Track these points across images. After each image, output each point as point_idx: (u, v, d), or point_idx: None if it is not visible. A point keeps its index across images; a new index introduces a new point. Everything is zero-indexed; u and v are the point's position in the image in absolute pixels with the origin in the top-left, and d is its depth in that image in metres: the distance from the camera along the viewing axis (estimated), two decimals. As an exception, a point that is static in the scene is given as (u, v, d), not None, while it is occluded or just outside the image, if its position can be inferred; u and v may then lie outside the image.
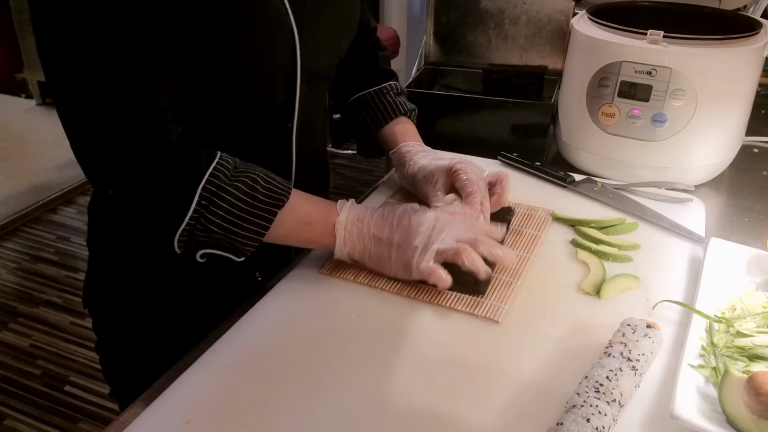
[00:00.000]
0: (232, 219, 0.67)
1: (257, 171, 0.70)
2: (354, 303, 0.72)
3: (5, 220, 2.83)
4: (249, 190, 0.67)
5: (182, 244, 0.68)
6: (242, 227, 0.67)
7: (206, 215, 0.66)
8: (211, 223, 0.66)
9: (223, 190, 0.66)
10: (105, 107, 0.62)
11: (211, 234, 0.67)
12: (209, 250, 0.70)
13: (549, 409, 0.57)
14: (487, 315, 0.69)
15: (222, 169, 0.67)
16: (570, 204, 0.92)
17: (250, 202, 0.67)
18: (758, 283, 0.71)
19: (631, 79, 0.94)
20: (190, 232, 0.67)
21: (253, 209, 0.67)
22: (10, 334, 2.22)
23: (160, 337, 0.85)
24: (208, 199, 0.65)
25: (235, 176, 0.68)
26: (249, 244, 0.69)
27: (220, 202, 0.66)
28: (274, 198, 0.69)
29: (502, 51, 1.30)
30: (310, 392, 0.60)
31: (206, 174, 0.66)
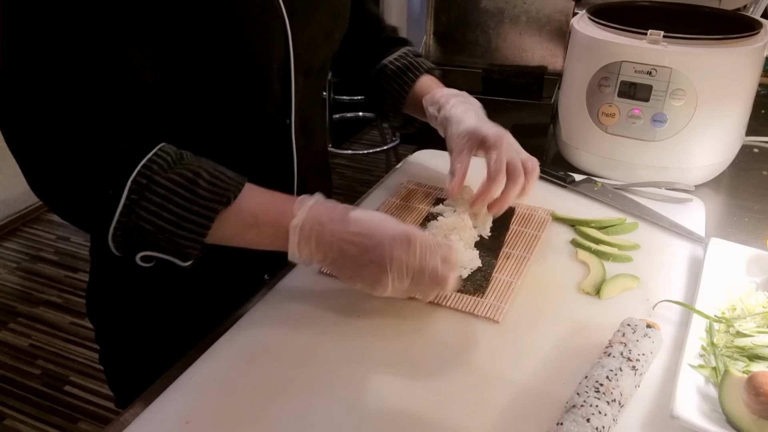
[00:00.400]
0: (167, 215, 0.60)
1: (204, 164, 0.63)
2: (354, 303, 0.72)
3: (5, 220, 2.83)
4: (188, 184, 0.61)
5: (117, 244, 0.62)
6: (179, 225, 0.61)
7: (137, 211, 0.60)
8: (144, 219, 0.60)
9: (156, 182, 0.60)
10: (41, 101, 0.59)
11: (146, 233, 0.61)
12: (149, 252, 0.63)
13: (549, 409, 0.57)
14: (487, 315, 0.69)
15: (158, 161, 0.61)
16: (570, 204, 0.92)
17: (189, 197, 0.61)
18: (758, 283, 0.71)
19: (631, 79, 0.94)
20: (123, 231, 0.60)
21: (191, 205, 0.61)
22: (10, 334, 2.22)
23: (165, 344, 0.80)
24: (138, 192, 0.59)
25: (174, 169, 0.61)
26: (189, 246, 0.62)
27: (152, 195, 0.60)
28: (216, 194, 0.61)
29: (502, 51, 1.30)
30: (309, 392, 0.60)
31: (138, 165, 0.60)
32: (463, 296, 0.72)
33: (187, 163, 0.63)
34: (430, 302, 0.71)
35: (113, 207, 0.59)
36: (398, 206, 0.91)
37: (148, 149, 0.62)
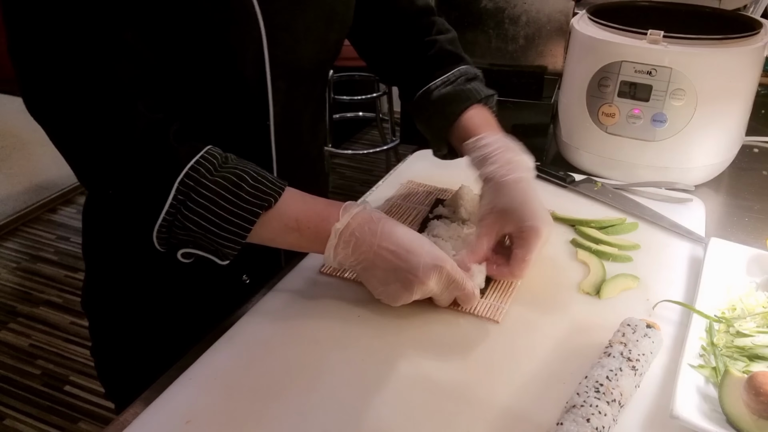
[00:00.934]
0: (211, 217, 0.62)
1: (248, 168, 0.65)
2: (354, 303, 0.72)
3: (5, 220, 2.83)
4: (232, 187, 0.63)
5: (162, 242, 0.64)
6: (221, 227, 0.62)
7: (183, 211, 0.62)
8: (189, 220, 0.62)
9: (202, 185, 0.62)
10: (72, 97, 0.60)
11: (190, 232, 0.63)
12: (190, 250, 0.66)
13: (549, 409, 0.57)
14: (487, 315, 0.69)
15: (205, 163, 0.63)
16: (570, 204, 0.92)
17: (233, 200, 0.62)
18: (758, 283, 0.71)
19: (631, 79, 0.94)
20: (168, 229, 0.63)
21: (234, 208, 0.62)
22: (10, 334, 2.22)
23: (153, 337, 0.84)
24: (185, 193, 0.62)
25: (219, 172, 0.63)
26: (229, 246, 0.64)
27: (198, 198, 0.62)
28: (259, 198, 0.63)
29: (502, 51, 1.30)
30: (309, 392, 0.60)
31: (186, 167, 0.62)
32: None
33: (232, 166, 0.64)
34: (430, 302, 0.71)
35: (160, 205, 0.61)
36: (398, 206, 0.91)
37: (197, 150, 0.63)
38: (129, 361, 0.87)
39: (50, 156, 3.45)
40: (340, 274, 0.76)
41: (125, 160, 0.62)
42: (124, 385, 0.71)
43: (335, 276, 0.76)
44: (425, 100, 0.84)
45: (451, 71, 0.85)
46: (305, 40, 0.75)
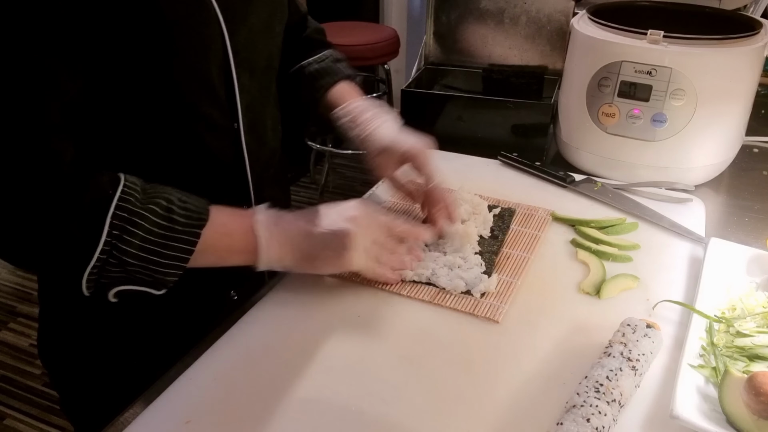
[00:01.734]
0: (150, 247, 0.59)
1: (168, 190, 0.63)
2: (354, 303, 0.72)
3: (5, 220, 2.83)
4: (165, 212, 0.60)
5: (90, 284, 0.59)
6: (162, 254, 0.60)
7: (119, 246, 0.58)
8: (126, 254, 0.58)
9: (136, 215, 0.58)
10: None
11: (126, 267, 0.59)
12: (124, 287, 0.62)
13: (549, 409, 0.57)
14: (487, 315, 0.69)
15: (131, 192, 0.59)
16: (570, 204, 0.92)
17: (168, 226, 0.60)
18: (758, 283, 0.71)
19: (631, 79, 0.94)
20: (100, 269, 0.58)
21: (172, 233, 0.60)
22: (10, 334, 2.22)
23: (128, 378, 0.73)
24: (119, 227, 0.58)
25: (146, 199, 0.60)
26: (171, 273, 0.61)
27: (134, 229, 0.58)
28: (193, 218, 0.62)
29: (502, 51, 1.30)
30: (309, 392, 0.60)
31: (114, 199, 0.58)
32: (464, 296, 0.72)
33: (153, 192, 0.62)
34: (430, 302, 0.71)
35: (92, 247, 0.57)
36: (398, 206, 0.91)
37: (118, 179, 0.60)
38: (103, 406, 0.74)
39: (50, 156, 3.45)
40: (339, 274, 0.76)
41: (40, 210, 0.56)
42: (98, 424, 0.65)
43: (335, 276, 0.76)
44: (297, 77, 0.91)
45: (320, 53, 0.93)
46: (259, 33, 0.75)
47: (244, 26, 0.72)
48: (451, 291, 0.72)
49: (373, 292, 0.73)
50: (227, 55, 0.70)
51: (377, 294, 0.73)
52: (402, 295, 0.73)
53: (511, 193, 0.93)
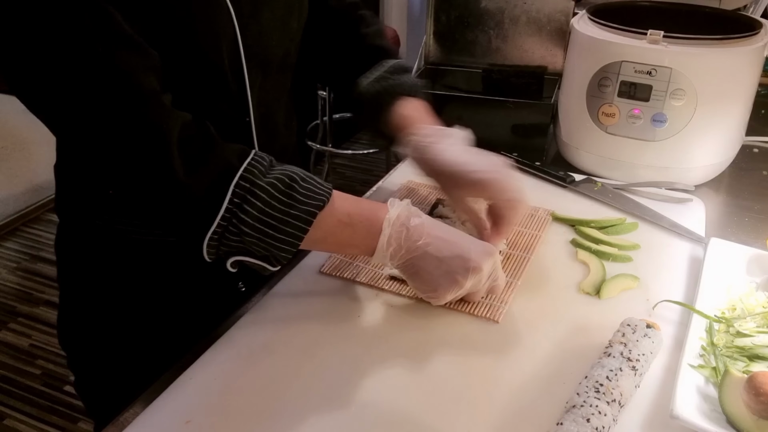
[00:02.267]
0: (268, 220, 0.60)
1: (295, 169, 0.64)
2: (354, 303, 0.72)
3: (5, 220, 2.83)
4: (286, 189, 0.61)
5: (212, 250, 0.62)
6: (279, 229, 0.60)
7: (239, 215, 0.60)
8: (245, 224, 0.60)
9: (258, 186, 0.60)
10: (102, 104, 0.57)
11: (244, 237, 0.61)
12: (241, 258, 0.63)
13: (549, 409, 0.57)
14: (486, 315, 0.69)
15: (257, 165, 0.61)
16: (570, 204, 0.92)
17: (287, 202, 0.61)
18: (758, 283, 0.71)
19: (631, 79, 0.94)
20: (221, 236, 0.60)
21: (290, 209, 0.61)
22: (10, 334, 2.22)
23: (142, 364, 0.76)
24: (241, 196, 0.59)
25: (270, 173, 0.62)
26: (285, 249, 0.62)
27: (254, 200, 0.60)
28: (313, 198, 0.62)
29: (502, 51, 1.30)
30: (309, 392, 0.60)
31: (240, 169, 0.60)
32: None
33: (279, 167, 0.63)
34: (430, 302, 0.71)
35: (213, 213, 0.59)
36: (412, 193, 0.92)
37: (246, 151, 0.62)
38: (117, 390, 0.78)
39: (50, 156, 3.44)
40: (339, 274, 0.76)
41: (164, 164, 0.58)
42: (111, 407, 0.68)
43: (335, 275, 0.76)
44: (359, 94, 0.85)
45: (382, 64, 0.86)
46: (272, 28, 0.74)
47: (256, 21, 0.70)
48: None
49: (373, 292, 0.73)
50: (238, 49, 0.69)
51: (377, 294, 0.73)
52: (401, 295, 0.73)
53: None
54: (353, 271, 0.76)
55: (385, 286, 0.74)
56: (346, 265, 0.77)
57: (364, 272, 0.76)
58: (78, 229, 0.80)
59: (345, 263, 0.78)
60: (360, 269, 0.77)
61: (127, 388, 0.67)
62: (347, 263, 0.78)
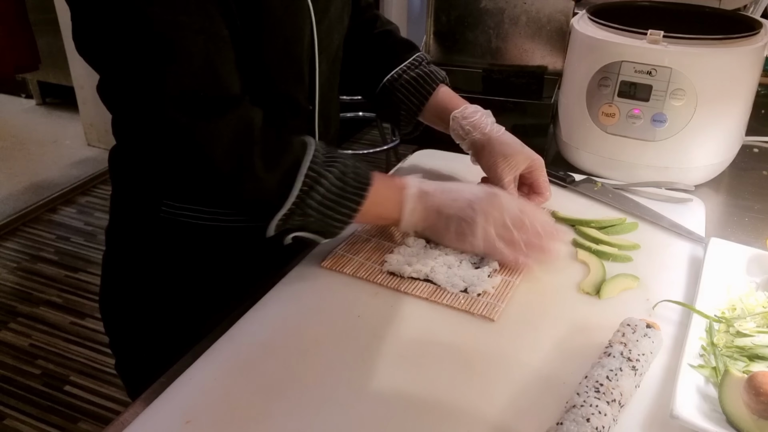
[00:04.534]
0: (329, 203, 0.70)
1: (342, 155, 0.73)
2: (354, 303, 0.72)
3: (5, 220, 2.83)
4: (341, 174, 0.71)
5: (278, 229, 0.71)
6: (336, 210, 0.71)
7: (306, 200, 0.69)
8: (310, 207, 0.69)
9: (321, 174, 0.69)
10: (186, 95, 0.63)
11: (307, 219, 0.70)
12: (301, 234, 0.72)
13: (549, 409, 0.57)
14: (483, 313, 0.69)
15: (318, 154, 0.70)
16: (570, 204, 0.92)
17: (343, 186, 0.71)
18: (758, 283, 0.71)
19: (631, 79, 0.94)
20: (287, 216, 0.69)
21: (344, 192, 0.71)
22: (10, 334, 2.22)
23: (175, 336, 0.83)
24: (309, 184, 0.68)
25: (327, 161, 0.71)
26: (339, 225, 0.72)
27: (318, 186, 0.69)
28: (361, 181, 0.72)
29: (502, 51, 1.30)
30: (310, 392, 0.60)
31: (306, 160, 0.69)
32: (462, 294, 0.72)
33: (332, 155, 0.72)
34: (428, 299, 0.71)
35: (284, 199, 0.68)
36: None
37: (306, 141, 0.71)
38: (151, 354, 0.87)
39: (50, 156, 3.45)
40: (339, 269, 0.77)
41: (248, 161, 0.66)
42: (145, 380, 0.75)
43: (336, 270, 0.76)
44: (396, 85, 0.93)
45: (413, 57, 0.95)
46: (336, 22, 0.82)
47: (326, 16, 0.78)
48: (449, 289, 0.73)
49: (373, 292, 0.73)
50: (313, 41, 0.76)
51: (378, 294, 0.73)
52: (400, 291, 0.73)
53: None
54: (353, 266, 0.77)
55: (383, 282, 0.74)
56: (346, 260, 0.78)
57: (363, 267, 0.77)
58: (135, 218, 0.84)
59: (346, 259, 0.78)
60: (360, 265, 0.77)
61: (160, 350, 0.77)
62: (348, 258, 0.78)
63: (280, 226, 0.70)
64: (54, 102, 4.01)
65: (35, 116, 3.89)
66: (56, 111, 3.93)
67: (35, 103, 4.00)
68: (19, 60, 3.49)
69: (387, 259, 0.77)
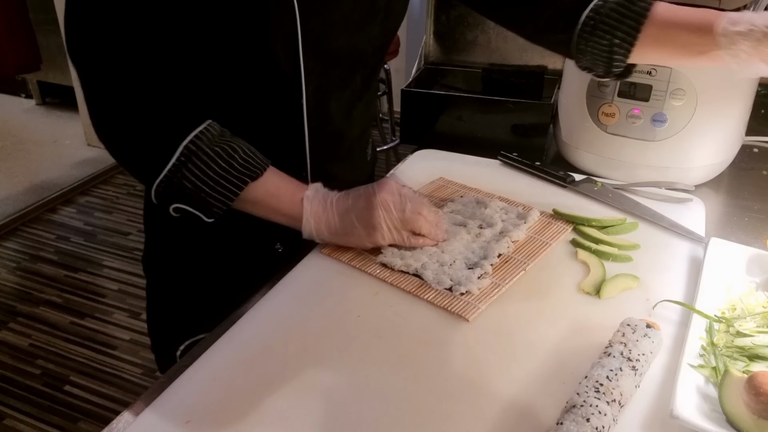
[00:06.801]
0: (205, 179, 0.72)
1: (240, 143, 0.75)
2: (354, 303, 0.72)
3: (5, 220, 2.83)
4: (227, 157, 0.73)
5: (157, 194, 0.74)
6: (213, 189, 0.73)
7: (182, 170, 0.71)
8: (185, 178, 0.72)
9: (202, 150, 0.72)
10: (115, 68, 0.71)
11: (185, 190, 0.73)
12: (180, 205, 0.75)
13: (549, 409, 0.57)
14: (459, 312, 0.69)
15: (207, 133, 0.73)
16: (570, 204, 0.92)
17: (226, 168, 0.72)
18: (758, 283, 0.71)
19: (631, 79, 0.94)
20: (166, 184, 0.72)
21: (226, 174, 0.73)
22: (9, 334, 2.22)
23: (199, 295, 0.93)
24: (187, 156, 0.71)
25: (217, 143, 0.73)
26: (217, 206, 0.74)
27: (196, 160, 0.71)
28: (248, 169, 0.74)
29: (502, 51, 1.30)
30: (309, 392, 0.60)
31: (191, 134, 0.71)
32: (444, 291, 0.73)
33: (228, 140, 0.74)
34: (425, 300, 0.71)
35: (163, 164, 0.71)
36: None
37: (200, 122, 0.73)
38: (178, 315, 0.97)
39: (50, 156, 3.45)
40: (337, 256, 0.78)
41: (144, 124, 0.72)
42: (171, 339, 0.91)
43: (334, 257, 0.78)
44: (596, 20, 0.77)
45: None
46: (341, 28, 0.79)
47: (322, 19, 0.76)
48: (434, 286, 0.73)
49: (373, 292, 0.73)
50: (296, 40, 0.76)
51: (377, 294, 0.73)
52: (400, 288, 0.73)
53: (512, 193, 0.93)
54: (350, 255, 0.79)
55: (375, 273, 0.76)
56: (345, 249, 0.80)
57: (360, 257, 0.79)
58: None
59: (345, 247, 0.80)
60: (358, 254, 0.79)
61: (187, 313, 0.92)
62: (347, 247, 0.80)
63: (160, 193, 0.73)
64: (54, 102, 4.01)
65: (35, 116, 3.89)
66: (56, 111, 3.93)
67: (35, 103, 4.00)
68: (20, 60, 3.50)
69: (383, 250, 0.78)
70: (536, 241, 0.83)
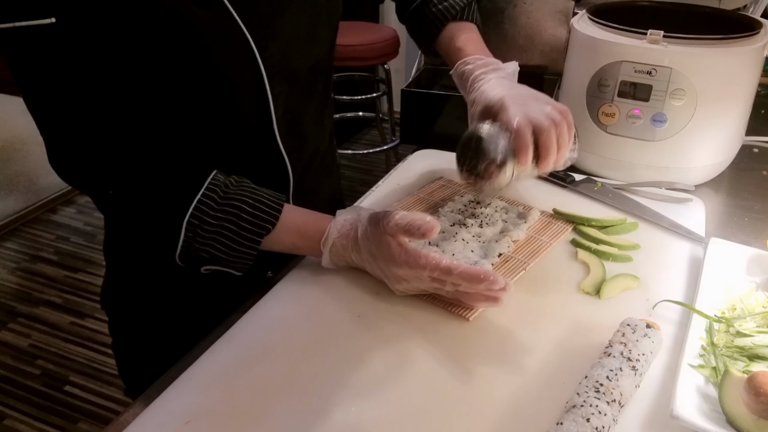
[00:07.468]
0: (219, 246, 0.70)
1: (245, 195, 0.71)
2: (354, 303, 0.72)
3: (5, 220, 2.83)
4: (234, 218, 0.70)
5: (183, 263, 0.73)
6: (229, 254, 0.71)
7: (193, 244, 0.70)
8: (199, 249, 0.71)
9: (206, 223, 0.69)
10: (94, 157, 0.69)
11: (203, 258, 0.72)
12: (211, 267, 0.74)
13: (549, 409, 0.57)
14: (458, 313, 0.69)
15: (206, 200, 0.69)
16: (570, 204, 0.92)
17: (235, 230, 0.70)
18: (758, 283, 0.71)
19: (631, 79, 0.94)
20: (185, 255, 0.72)
21: (238, 237, 0.70)
22: (9, 334, 2.22)
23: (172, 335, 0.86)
24: (192, 231, 0.69)
25: (220, 205, 0.70)
26: (241, 264, 0.73)
27: (203, 233, 0.70)
28: (258, 225, 0.71)
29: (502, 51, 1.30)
30: (309, 392, 0.60)
31: (190, 207, 0.69)
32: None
33: (232, 196, 0.70)
34: (428, 301, 0.71)
35: (175, 243, 0.70)
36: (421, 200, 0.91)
37: (197, 185, 0.70)
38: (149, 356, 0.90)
39: (50, 156, 3.45)
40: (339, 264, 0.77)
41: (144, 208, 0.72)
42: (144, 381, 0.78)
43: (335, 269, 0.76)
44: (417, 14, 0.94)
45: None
46: (298, 42, 0.76)
47: (276, 41, 0.74)
48: None
49: (373, 292, 0.73)
50: (259, 68, 0.73)
51: (377, 294, 0.73)
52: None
53: (513, 194, 0.93)
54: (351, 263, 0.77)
55: None
56: None
57: None
58: None
59: None
60: None
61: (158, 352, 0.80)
62: None
63: (184, 260, 0.72)
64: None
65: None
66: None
67: (35, 103, 4.00)
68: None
69: None
70: (536, 241, 0.83)
